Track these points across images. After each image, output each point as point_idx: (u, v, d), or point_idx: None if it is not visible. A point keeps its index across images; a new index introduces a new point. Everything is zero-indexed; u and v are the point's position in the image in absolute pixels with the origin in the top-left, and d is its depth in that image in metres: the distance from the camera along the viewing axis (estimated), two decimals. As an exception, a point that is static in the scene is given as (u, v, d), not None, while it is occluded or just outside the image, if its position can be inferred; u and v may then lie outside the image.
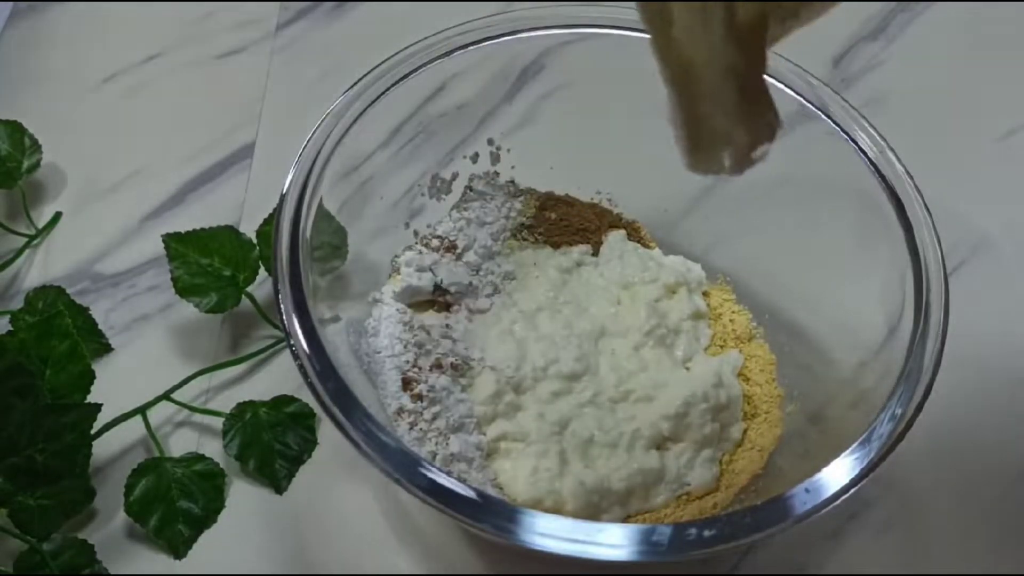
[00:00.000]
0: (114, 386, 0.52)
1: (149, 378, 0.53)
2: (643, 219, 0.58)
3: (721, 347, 0.54)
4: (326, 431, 0.53)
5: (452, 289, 0.54)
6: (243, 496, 0.51)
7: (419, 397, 0.50)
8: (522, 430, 0.49)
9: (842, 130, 0.49)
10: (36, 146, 0.62)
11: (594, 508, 0.48)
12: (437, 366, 0.51)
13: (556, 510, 0.47)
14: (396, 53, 0.51)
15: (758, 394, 0.52)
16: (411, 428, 0.49)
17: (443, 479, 0.39)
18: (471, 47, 0.52)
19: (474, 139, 0.56)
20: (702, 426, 0.50)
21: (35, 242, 0.60)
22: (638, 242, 0.58)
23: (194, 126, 0.66)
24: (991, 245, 0.61)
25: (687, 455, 0.50)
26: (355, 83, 0.50)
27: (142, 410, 0.52)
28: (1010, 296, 0.59)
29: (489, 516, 0.39)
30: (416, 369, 0.51)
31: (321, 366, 0.42)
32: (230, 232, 0.55)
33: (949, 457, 0.53)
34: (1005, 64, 0.70)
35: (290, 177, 0.48)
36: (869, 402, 0.43)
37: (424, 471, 0.40)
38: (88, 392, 0.50)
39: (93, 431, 0.48)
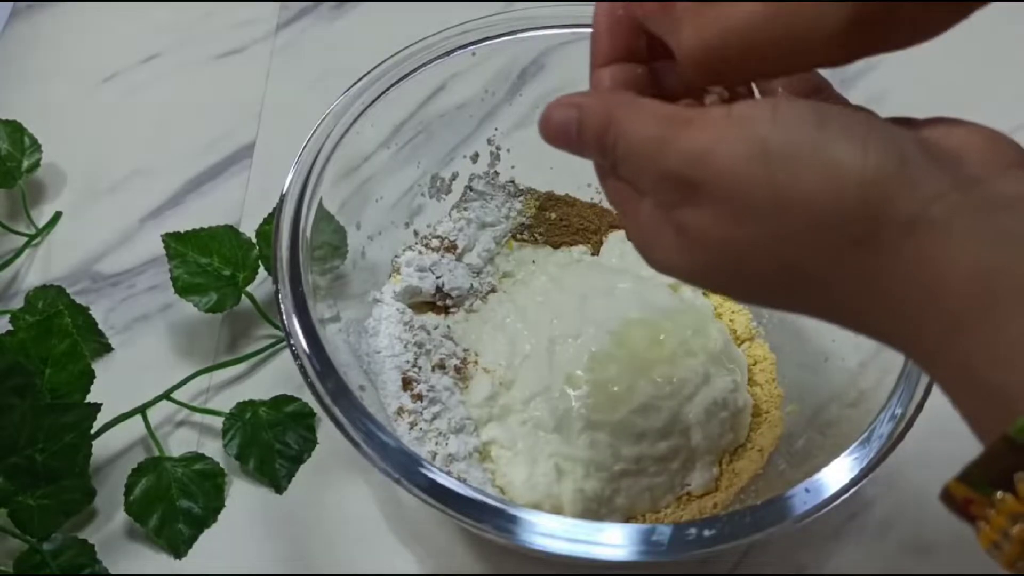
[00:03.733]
0: (114, 386, 0.52)
1: (149, 378, 0.53)
2: (643, 219, 0.58)
3: (721, 347, 0.54)
4: (326, 431, 0.53)
5: (454, 294, 0.54)
6: (243, 496, 0.51)
7: (419, 397, 0.50)
8: (511, 436, 0.49)
9: (842, 130, 0.49)
10: (36, 146, 0.62)
11: (593, 515, 0.48)
12: (440, 366, 0.51)
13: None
14: (396, 53, 0.51)
15: (758, 394, 0.52)
16: (411, 428, 0.49)
17: (443, 479, 0.39)
18: (471, 47, 0.52)
19: (474, 139, 0.56)
20: (721, 435, 0.49)
21: (35, 242, 0.60)
22: (638, 242, 0.58)
23: (194, 126, 0.66)
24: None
25: (692, 459, 0.50)
26: (355, 83, 0.50)
27: (142, 410, 0.52)
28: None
29: (489, 516, 0.39)
30: (416, 369, 0.51)
31: (321, 366, 0.42)
32: (230, 232, 0.55)
33: (950, 457, 0.52)
34: (1005, 64, 0.70)
35: (290, 177, 0.48)
36: (869, 402, 0.43)
37: (424, 471, 0.40)
38: (88, 392, 0.50)
39: (93, 431, 0.48)
